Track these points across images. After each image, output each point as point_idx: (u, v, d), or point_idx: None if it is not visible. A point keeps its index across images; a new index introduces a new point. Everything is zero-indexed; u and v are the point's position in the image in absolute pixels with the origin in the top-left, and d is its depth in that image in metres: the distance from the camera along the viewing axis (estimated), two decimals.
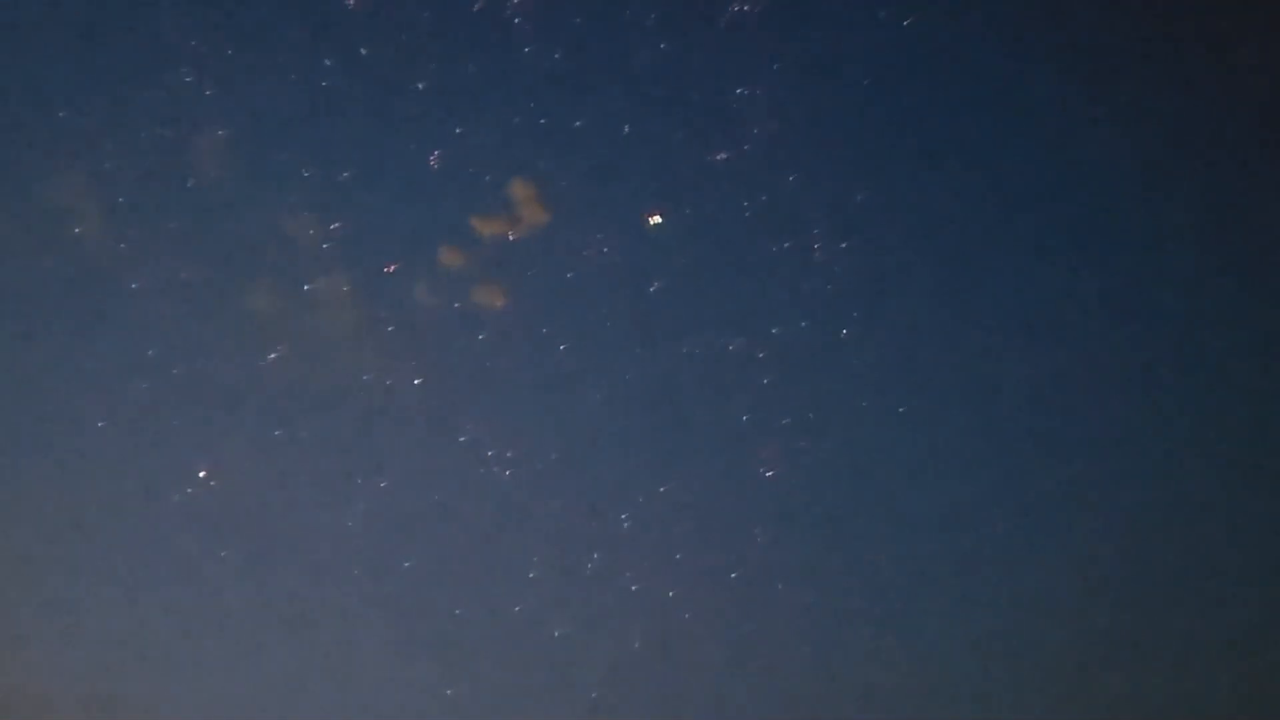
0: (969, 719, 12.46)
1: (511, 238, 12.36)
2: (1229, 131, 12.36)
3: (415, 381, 12.71)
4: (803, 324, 12.71)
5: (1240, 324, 12.44)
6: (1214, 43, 12.23)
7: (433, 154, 12.18)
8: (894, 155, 12.77)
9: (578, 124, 12.35)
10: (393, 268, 12.45)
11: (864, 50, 12.53)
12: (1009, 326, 12.77)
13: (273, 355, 12.38)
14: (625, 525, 12.87)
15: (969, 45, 12.57)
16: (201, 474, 12.45)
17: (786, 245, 12.68)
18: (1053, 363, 12.73)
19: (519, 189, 12.26)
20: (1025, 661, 12.50)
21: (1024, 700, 12.39)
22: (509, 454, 12.87)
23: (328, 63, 11.77)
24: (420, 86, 11.98)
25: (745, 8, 12.33)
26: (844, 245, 12.69)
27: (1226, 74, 12.26)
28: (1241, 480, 12.45)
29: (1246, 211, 12.41)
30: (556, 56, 12.20)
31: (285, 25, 11.71)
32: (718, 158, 12.56)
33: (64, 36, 11.58)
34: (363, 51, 11.81)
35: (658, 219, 12.37)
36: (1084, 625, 12.60)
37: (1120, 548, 12.58)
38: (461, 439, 12.93)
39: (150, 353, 12.26)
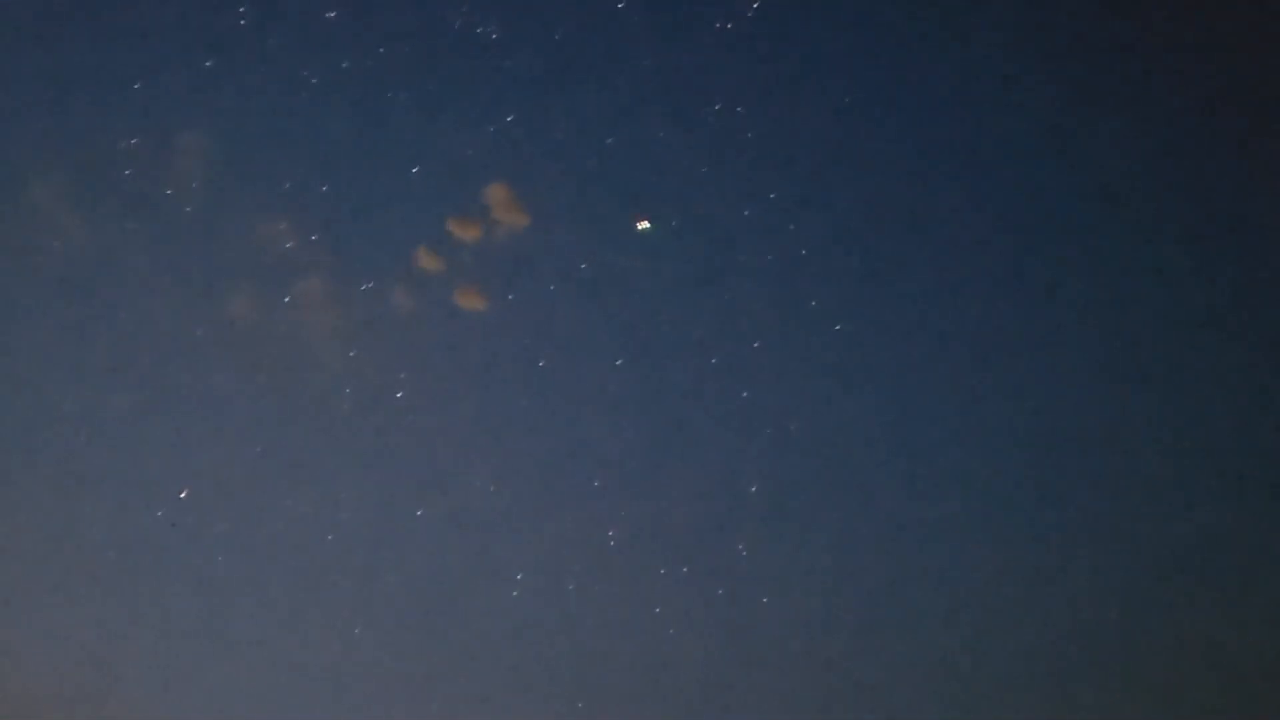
0: None
1: (493, 249, 12.43)
2: (1219, 132, 12.47)
3: (397, 395, 12.69)
4: (786, 336, 12.76)
5: (1237, 325, 12.49)
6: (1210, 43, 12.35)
7: (413, 167, 12.30)
8: (878, 166, 12.90)
9: (559, 136, 12.52)
10: (372, 283, 12.51)
11: (847, 63, 12.73)
12: (994, 336, 12.78)
13: (253, 368, 12.41)
14: (611, 542, 12.77)
15: (953, 56, 12.76)
16: (182, 495, 12.39)
17: (768, 258, 12.78)
18: (1042, 373, 12.76)
19: (500, 201, 12.32)
20: (1017, 672, 12.35)
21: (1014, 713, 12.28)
22: (493, 469, 12.83)
23: (306, 73, 11.94)
24: (401, 97, 12.14)
25: (729, 25, 12.52)
26: (828, 258, 12.78)
27: (1221, 74, 12.40)
28: (1237, 480, 12.37)
29: (1242, 212, 12.51)
30: (538, 68, 12.40)
31: (266, 38, 11.87)
32: (701, 170, 12.68)
33: (45, 45, 11.75)
34: (344, 65, 11.97)
35: (646, 224, 12.45)
36: (1071, 651, 12.43)
37: (1106, 556, 12.49)
38: (444, 454, 12.93)
39: (128, 365, 12.31)
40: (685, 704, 12.47)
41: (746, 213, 12.69)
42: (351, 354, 12.61)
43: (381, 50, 11.92)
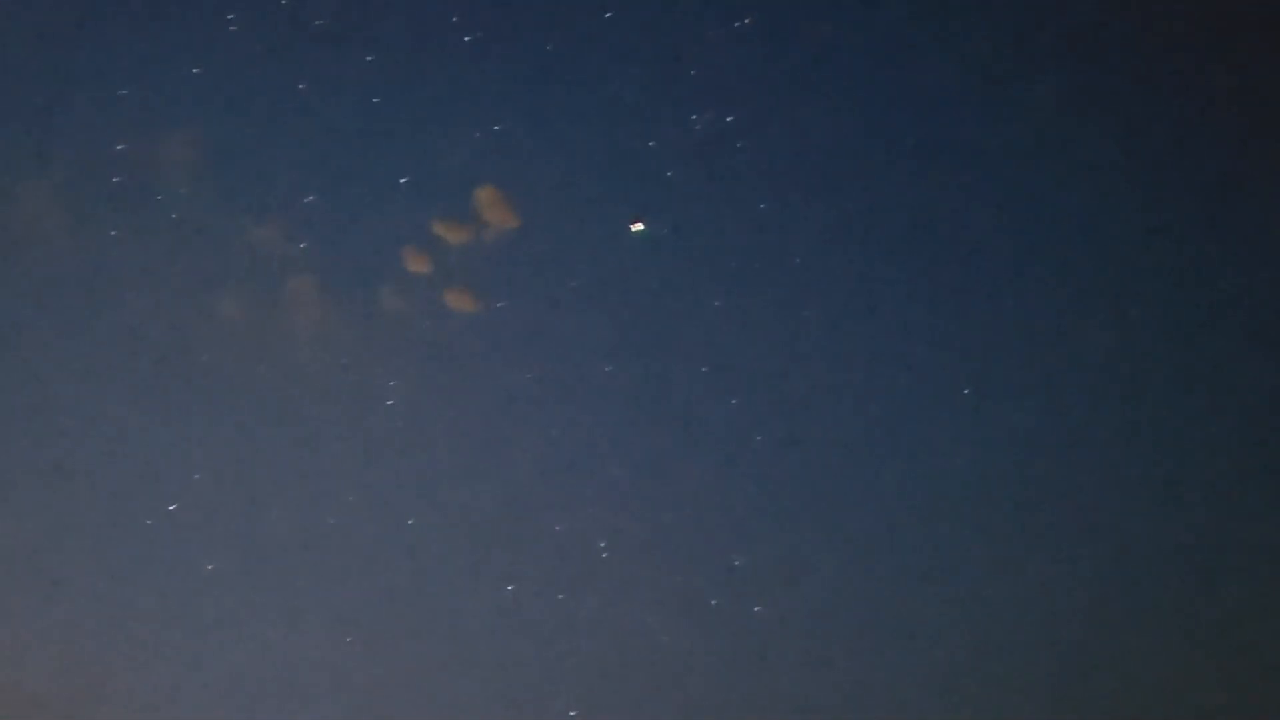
0: None
1: (483, 251, 12.45)
2: (1219, 132, 12.42)
3: (388, 403, 12.68)
4: (779, 343, 12.70)
5: (1235, 325, 12.39)
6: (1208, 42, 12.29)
7: (403, 172, 12.38)
8: (873, 174, 12.90)
9: (549, 141, 12.59)
10: (363, 290, 12.57)
11: (841, 72, 12.80)
12: (990, 342, 12.71)
13: (241, 375, 12.44)
14: (603, 553, 12.66)
15: (947, 65, 12.77)
16: (172, 508, 12.40)
17: (760, 265, 12.78)
18: (1038, 384, 12.67)
19: (489, 206, 12.36)
20: (1014, 678, 12.13)
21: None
22: (484, 478, 12.77)
23: (295, 79, 12.08)
24: (390, 102, 12.23)
25: (720, 34, 12.59)
26: (820, 266, 12.74)
27: (1218, 74, 12.33)
28: (1236, 479, 12.23)
29: (1243, 212, 12.45)
30: (528, 74, 12.50)
31: (255, 44, 12.02)
32: (692, 177, 12.71)
33: (33, 51, 11.96)
34: (333, 70, 12.10)
35: (640, 226, 12.46)
36: (1069, 660, 12.23)
37: (1106, 557, 12.31)
38: (435, 463, 12.88)
39: (114, 373, 12.37)
40: (678, 715, 12.33)
41: (739, 219, 12.77)
42: (343, 361, 12.67)
43: (370, 58, 12.10)
